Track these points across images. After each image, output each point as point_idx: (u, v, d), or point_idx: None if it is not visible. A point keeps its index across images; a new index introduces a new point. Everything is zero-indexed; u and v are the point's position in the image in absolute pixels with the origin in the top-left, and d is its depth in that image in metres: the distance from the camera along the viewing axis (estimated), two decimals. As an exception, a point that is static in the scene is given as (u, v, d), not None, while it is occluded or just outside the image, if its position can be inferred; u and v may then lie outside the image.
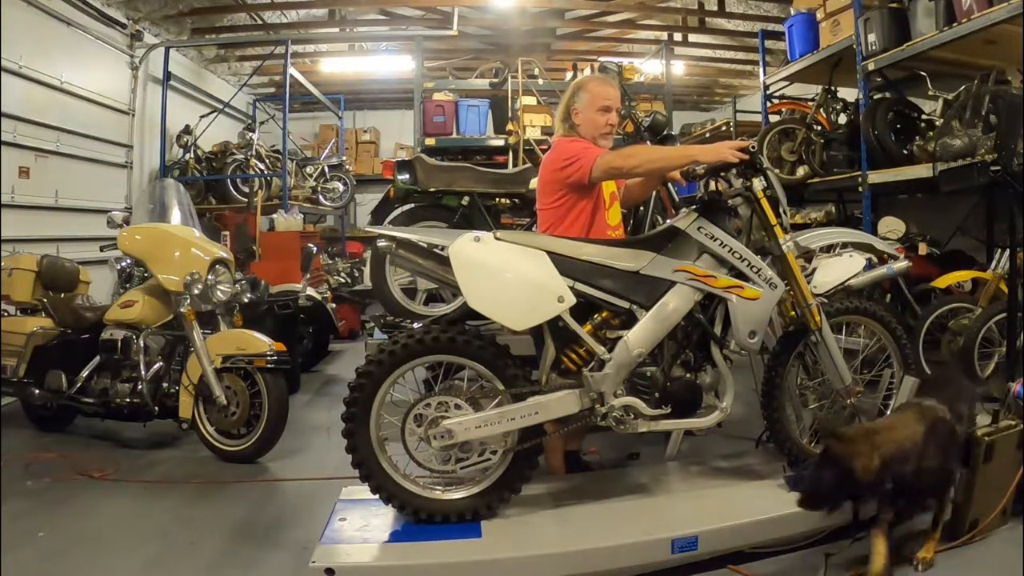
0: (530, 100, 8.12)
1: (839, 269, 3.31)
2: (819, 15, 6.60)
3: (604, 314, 2.70)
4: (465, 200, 4.01)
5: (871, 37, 5.75)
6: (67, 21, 6.44)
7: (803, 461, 2.99)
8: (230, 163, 8.38)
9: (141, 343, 4.04)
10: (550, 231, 2.98)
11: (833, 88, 6.81)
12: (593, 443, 3.74)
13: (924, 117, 5.73)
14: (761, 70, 7.91)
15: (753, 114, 9.11)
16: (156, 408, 4.01)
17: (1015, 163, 4.28)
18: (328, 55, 10.26)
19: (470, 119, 8.36)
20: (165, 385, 4.06)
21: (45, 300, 4.54)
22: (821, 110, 6.76)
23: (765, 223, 2.81)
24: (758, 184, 2.80)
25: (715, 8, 8.67)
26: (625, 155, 2.92)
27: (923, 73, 5.44)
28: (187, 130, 8.30)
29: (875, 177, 5.81)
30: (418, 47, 8.44)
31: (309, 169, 9.26)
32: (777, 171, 6.36)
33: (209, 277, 4.04)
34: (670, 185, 3.91)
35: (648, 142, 3.93)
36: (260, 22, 8.84)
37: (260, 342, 3.93)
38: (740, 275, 2.72)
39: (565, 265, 2.63)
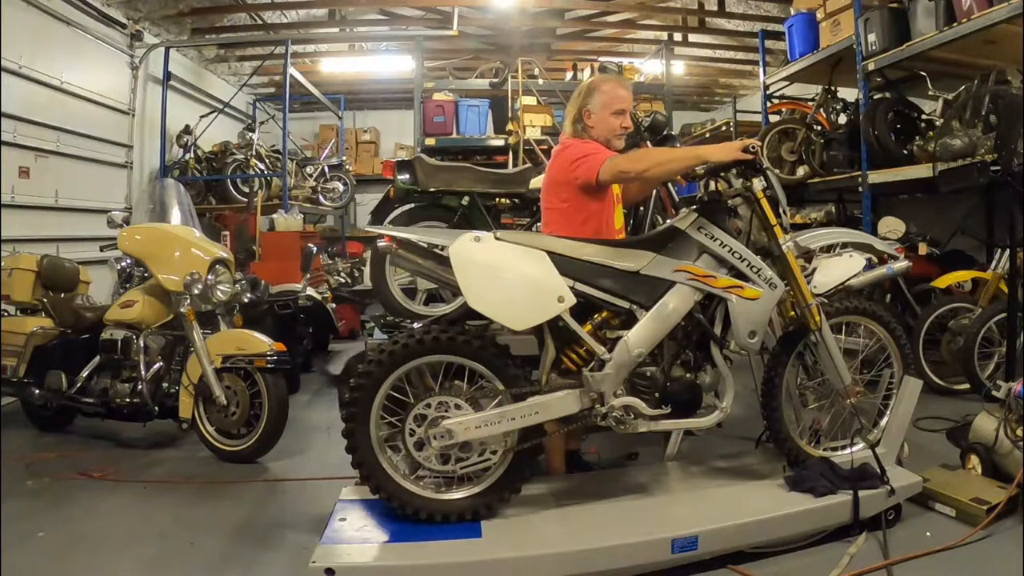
0: (530, 100, 8.13)
1: (839, 269, 3.31)
2: (819, 15, 6.61)
3: (604, 314, 2.70)
4: (465, 200, 4.00)
5: (871, 37, 5.75)
6: (67, 21, 6.43)
7: (803, 461, 3.00)
8: (230, 163, 8.37)
9: (141, 343, 4.04)
10: (556, 231, 2.96)
11: (833, 88, 6.82)
12: (592, 443, 3.74)
13: (924, 117, 5.74)
14: (761, 70, 7.92)
15: (753, 114, 9.11)
16: (156, 408, 4.01)
17: (1015, 163, 4.28)
18: (328, 55, 10.25)
19: (470, 119, 8.36)
20: (165, 385, 4.06)
21: (45, 300, 4.54)
22: (821, 110, 6.77)
23: (765, 223, 2.81)
24: (758, 184, 2.80)
25: (715, 8, 8.67)
26: (634, 159, 2.91)
27: (923, 73, 5.45)
28: (187, 130, 8.30)
29: (875, 177, 5.81)
30: (418, 47, 8.44)
31: (309, 169, 9.25)
32: (777, 171, 6.37)
33: (209, 277, 4.04)
34: (670, 185, 3.91)
35: (648, 142, 3.92)
36: (260, 22, 8.84)
37: (260, 342, 3.93)
38: (740, 275, 2.72)
39: (565, 265, 2.63)
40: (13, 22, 5.51)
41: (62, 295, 4.65)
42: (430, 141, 8.09)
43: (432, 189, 3.95)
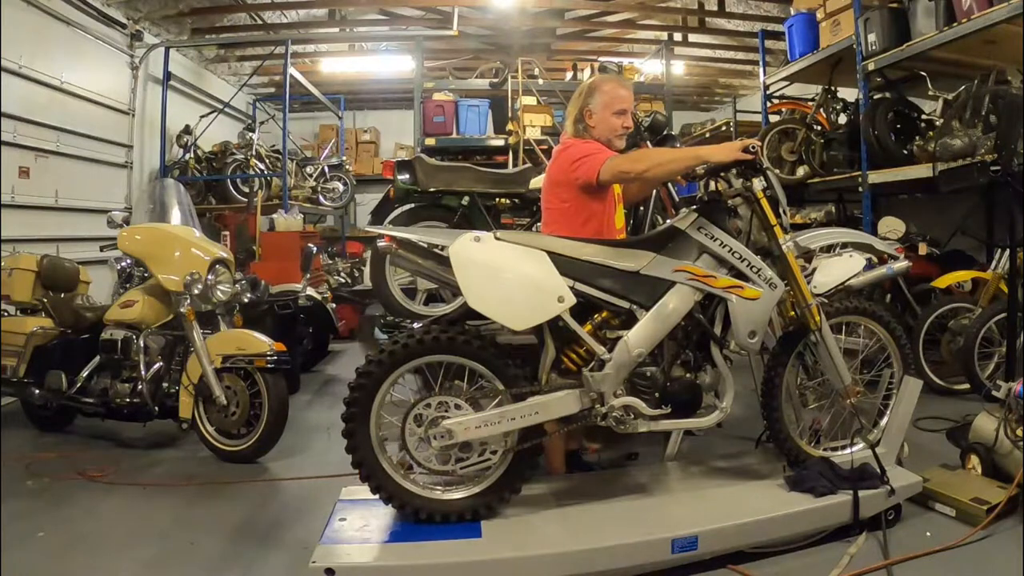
0: (530, 100, 8.13)
1: (839, 269, 3.31)
2: (819, 15, 6.61)
3: (604, 314, 2.70)
4: (465, 200, 4.01)
5: (871, 37, 5.75)
6: (67, 21, 6.43)
7: (803, 461, 3.00)
8: (230, 163, 8.37)
9: (141, 343, 4.04)
10: (556, 231, 2.96)
11: (833, 88, 6.82)
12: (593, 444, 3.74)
13: (924, 117, 5.74)
14: (761, 70, 7.92)
15: (753, 114, 9.11)
16: (156, 408, 4.01)
17: (1015, 163, 4.28)
18: (328, 55, 10.26)
19: (470, 119, 8.37)
20: (165, 385, 4.06)
21: (45, 300, 4.54)
22: (821, 110, 6.76)
23: (765, 223, 2.81)
24: (758, 184, 2.80)
25: (715, 8, 8.67)
26: (634, 159, 2.92)
27: (923, 73, 5.45)
28: (187, 130, 8.30)
29: (875, 177, 5.81)
30: (418, 47, 8.45)
31: (309, 169, 9.26)
32: (777, 171, 6.37)
33: (209, 277, 4.04)
34: (670, 185, 3.91)
35: (648, 142, 3.93)
36: (260, 22, 8.84)
37: (260, 342, 3.93)
38: (740, 275, 2.72)
39: (565, 265, 2.63)
40: (13, 22, 5.52)
41: (62, 295, 4.65)
42: (430, 141, 8.10)
43: (432, 189, 3.95)
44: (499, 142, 8.26)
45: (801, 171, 6.67)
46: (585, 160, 2.87)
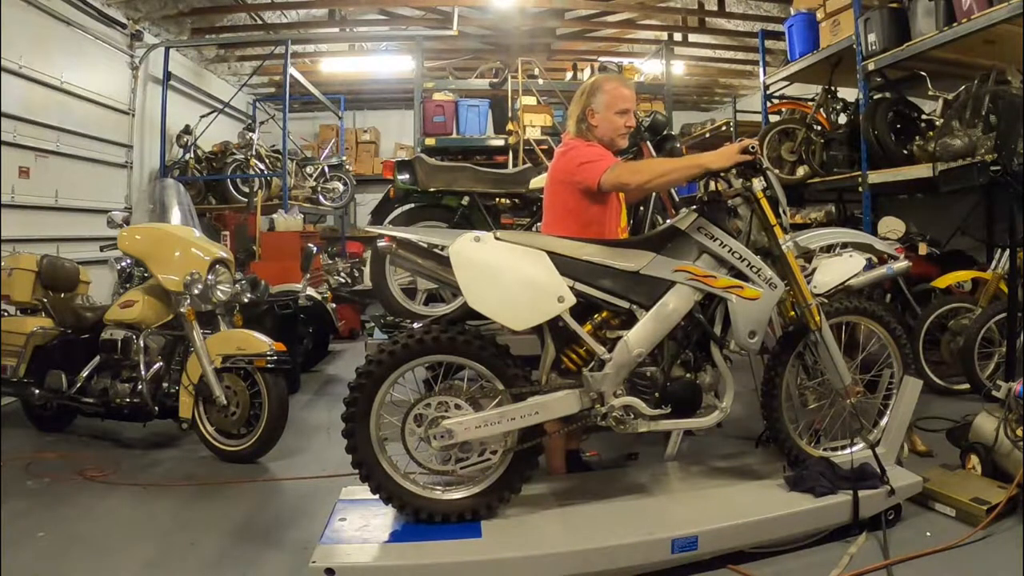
0: (530, 100, 8.13)
1: (839, 269, 3.31)
2: (819, 15, 6.61)
3: (604, 314, 2.70)
4: (465, 200, 4.01)
5: (871, 37, 5.75)
6: (67, 21, 6.43)
7: (803, 461, 3.00)
8: (230, 163, 8.38)
9: (141, 343, 4.04)
10: (557, 231, 2.95)
11: (833, 88, 6.81)
12: (593, 447, 3.73)
13: (924, 117, 5.73)
14: (761, 70, 7.92)
15: (753, 114, 9.11)
16: (156, 408, 4.01)
17: (1015, 163, 4.28)
18: (328, 55, 10.26)
19: (470, 119, 8.37)
20: (165, 385, 4.06)
21: (45, 300, 4.54)
22: (821, 110, 6.76)
23: (765, 223, 2.81)
24: (758, 184, 2.80)
25: (715, 8, 8.68)
26: (635, 170, 2.92)
27: (923, 73, 5.45)
28: (187, 130, 8.30)
29: (875, 177, 5.81)
30: (418, 47, 8.45)
31: (309, 169, 9.26)
32: (777, 171, 6.37)
33: (209, 277, 4.04)
34: (670, 185, 3.90)
35: (648, 142, 3.93)
36: (260, 22, 8.84)
37: (260, 342, 3.93)
38: (740, 275, 2.72)
39: (565, 265, 2.63)
40: (13, 22, 5.51)
41: (62, 295, 4.65)
42: (430, 141, 8.10)
43: (432, 189, 3.96)
44: (499, 142, 8.27)
45: (801, 171, 6.66)
46: (587, 166, 2.87)
